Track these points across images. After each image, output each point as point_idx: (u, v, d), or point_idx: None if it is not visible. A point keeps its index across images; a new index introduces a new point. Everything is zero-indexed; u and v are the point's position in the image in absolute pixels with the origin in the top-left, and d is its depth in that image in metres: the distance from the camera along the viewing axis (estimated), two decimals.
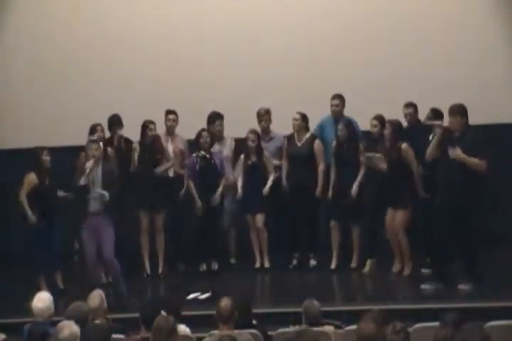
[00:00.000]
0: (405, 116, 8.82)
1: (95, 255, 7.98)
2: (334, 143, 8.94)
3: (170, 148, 9.29)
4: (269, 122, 9.28)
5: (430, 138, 8.26)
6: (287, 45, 9.96)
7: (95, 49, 10.22)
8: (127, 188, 8.81)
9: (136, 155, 9.01)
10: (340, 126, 8.83)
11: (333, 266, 8.92)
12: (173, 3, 10.19)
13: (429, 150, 7.94)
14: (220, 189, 9.08)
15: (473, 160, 7.59)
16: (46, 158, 8.36)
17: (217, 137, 9.34)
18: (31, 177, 8.29)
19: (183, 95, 9.89)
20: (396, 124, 8.46)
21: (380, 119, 8.69)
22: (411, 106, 8.81)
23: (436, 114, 8.59)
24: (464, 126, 7.71)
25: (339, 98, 9.14)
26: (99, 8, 10.25)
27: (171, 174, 9.24)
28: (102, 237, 7.92)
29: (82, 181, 7.92)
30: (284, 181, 9.13)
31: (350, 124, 8.86)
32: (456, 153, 7.58)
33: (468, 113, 7.79)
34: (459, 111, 7.72)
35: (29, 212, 8.25)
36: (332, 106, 9.15)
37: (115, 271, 8.02)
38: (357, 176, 8.74)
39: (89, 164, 7.93)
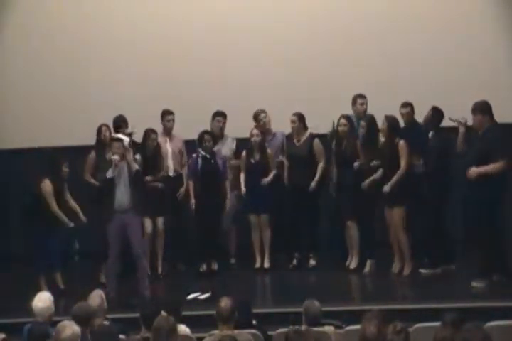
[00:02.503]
0: (402, 115, 8.81)
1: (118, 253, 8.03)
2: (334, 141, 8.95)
3: (169, 148, 9.28)
4: (266, 120, 9.23)
5: (430, 135, 8.32)
6: (287, 45, 9.94)
7: (95, 49, 10.21)
8: None
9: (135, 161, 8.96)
10: (343, 121, 8.79)
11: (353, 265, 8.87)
12: (174, 3, 10.18)
13: (458, 143, 8.07)
14: (228, 196, 9.07)
15: (491, 168, 7.54)
16: (66, 169, 8.41)
17: (217, 135, 9.29)
18: (48, 185, 8.26)
19: (183, 95, 9.89)
20: (392, 120, 8.43)
21: (367, 120, 8.69)
22: (408, 105, 8.81)
23: (437, 112, 8.60)
24: (485, 124, 7.67)
25: (365, 98, 9.05)
26: (99, 8, 10.24)
27: (171, 174, 9.23)
28: (131, 233, 7.99)
29: (109, 174, 7.97)
30: (285, 181, 9.12)
31: (349, 120, 8.83)
32: (474, 173, 7.55)
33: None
34: (480, 108, 7.69)
35: (65, 219, 8.28)
36: (361, 104, 9.02)
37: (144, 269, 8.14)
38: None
39: (115, 157, 7.91)
